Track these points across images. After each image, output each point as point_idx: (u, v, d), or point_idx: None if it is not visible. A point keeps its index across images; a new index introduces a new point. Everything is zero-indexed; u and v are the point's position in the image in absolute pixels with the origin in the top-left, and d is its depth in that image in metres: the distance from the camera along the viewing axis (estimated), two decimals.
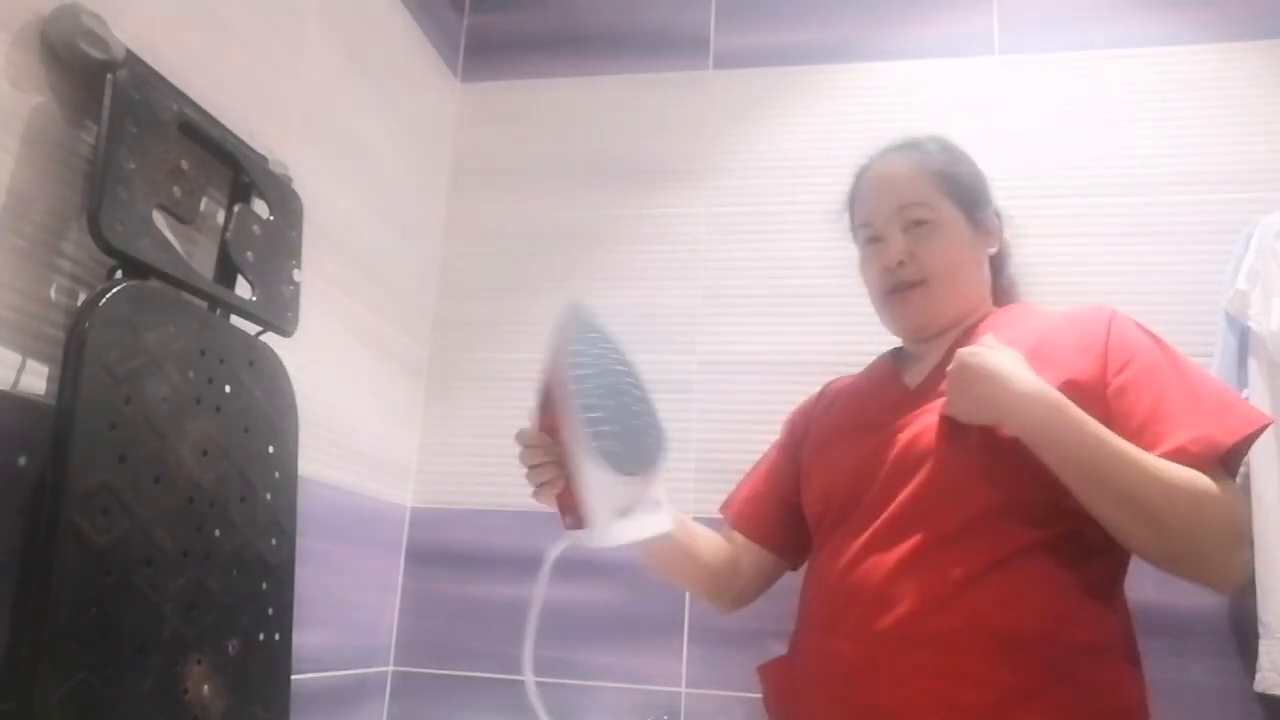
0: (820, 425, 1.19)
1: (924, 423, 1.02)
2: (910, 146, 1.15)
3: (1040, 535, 0.94)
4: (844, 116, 1.70)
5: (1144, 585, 1.03)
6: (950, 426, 0.98)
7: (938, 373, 1.07)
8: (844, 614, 0.99)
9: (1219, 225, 1.50)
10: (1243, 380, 1.35)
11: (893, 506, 0.99)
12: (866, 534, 1.00)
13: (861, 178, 1.18)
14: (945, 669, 0.91)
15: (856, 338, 1.30)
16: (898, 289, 1.11)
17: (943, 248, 1.09)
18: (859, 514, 1.03)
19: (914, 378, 1.12)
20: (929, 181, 1.11)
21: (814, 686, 1.01)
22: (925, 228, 1.09)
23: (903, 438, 1.02)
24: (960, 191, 1.12)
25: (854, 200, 1.19)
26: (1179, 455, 0.90)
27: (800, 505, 1.16)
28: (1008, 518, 0.94)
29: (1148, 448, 0.91)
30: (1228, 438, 0.91)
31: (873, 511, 1.01)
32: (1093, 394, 0.96)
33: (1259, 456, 1.31)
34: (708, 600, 1.21)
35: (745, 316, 1.65)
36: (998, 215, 1.17)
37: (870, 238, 1.14)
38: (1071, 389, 0.94)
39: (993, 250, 1.16)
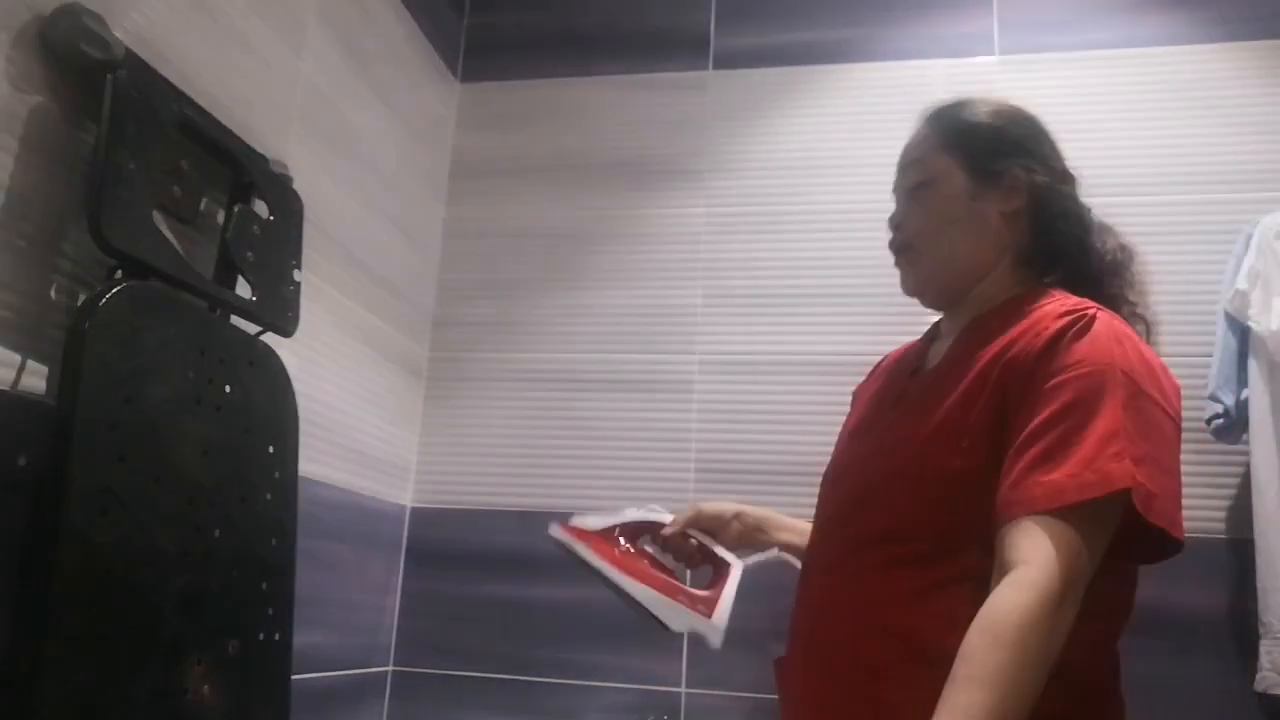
0: (851, 414, 1.17)
1: (893, 435, 0.99)
2: (930, 112, 1.09)
3: (987, 558, 0.87)
4: (843, 116, 1.71)
5: (1144, 585, 1.02)
6: (907, 445, 0.95)
7: (935, 366, 1.03)
8: (803, 634, 0.99)
9: (1219, 225, 1.50)
10: (1243, 380, 1.35)
11: (851, 527, 0.97)
12: (828, 553, 0.99)
13: None
14: (869, 696, 0.89)
15: (857, 337, 1.30)
16: (894, 253, 1.08)
17: (923, 206, 1.03)
18: (824, 528, 1.02)
19: (931, 362, 1.06)
20: (932, 139, 1.05)
21: (787, 696, 1.02)
22: (922, 190, 1.04)
23: (874, 450, 1.00)
24: (964, 142, 1.02)
25: None
26: (1029, 498, 0.84)
27: None
28: (959, 542, 0.90)
29: (1009, 471, 0.86)
30: (1076, 495, 0.82)
31: (834, 529, 1.00)
32: (1014, 391, 0.89)
33: (1259, 457, 1.31)
34: None
35: (745, 316, 1.65)
36: (1028, 169, 1.00)
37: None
38: (1000, 408, 0.89)
39: (1009, 206, 1.00)
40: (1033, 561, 0.81)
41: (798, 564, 1.09)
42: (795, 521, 1.20)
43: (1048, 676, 0.80)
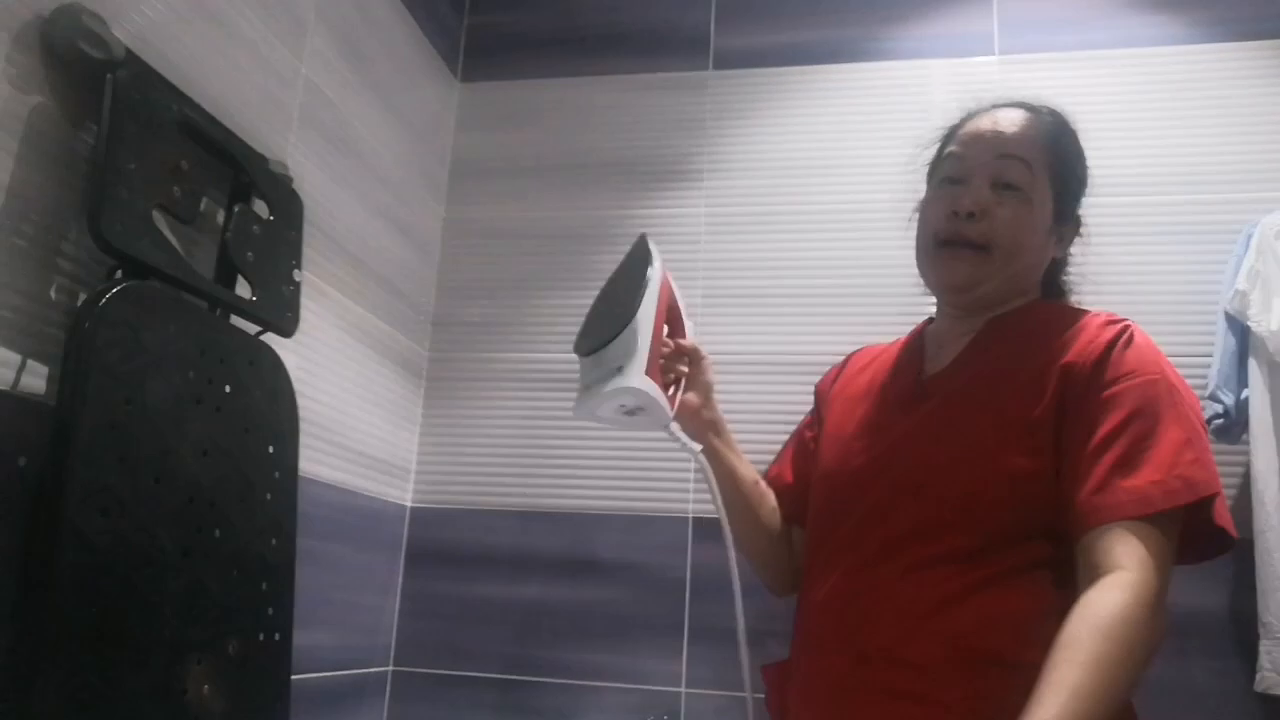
0: (836, 411, 1.16)
1: (926, 439, 0.99)
2: (1035, 111, 1.07)
3: (1034, 556, 0.92)
4: (844, 116, 1.70)
5: None
6: (957, 441, 0.96)
7: (955, 366, 1.05)
8: (830, 635, 0.98)
9: (1219, 225, 1.50)
10: (1243, 380, 1.35)
11: (884, 529, 0.97)
12: (861, 550, 0.98)
13: (970, 117, 1.10)
14: (920, 695, 0.89)
15: (856, 338, 1.30)
16: (953, 242, 1.02)
17: (1019, 220, 1.01)
18: (854, 525, 1.00)
19: (933, 363, 1.07)
20: (1040, 149, 1.03)
21: (801, 703, 1.01)
22: (1013, 194, 1.01)
23: (908, 447, 1.00)
24: (1060, 174, 1.04)
25: (951, 136, 1.10)
26: (1114, 505, 0.87)
27: None
28: (1008, 540, 0.92)
29: (1090, 471, 0.89)
30: (1164, 502, 0.87)
31: (864, 530, 0.99)
32: (1071, 400, 0.94)
33: (1259, 457, 1.31)
34: (767, 573, 1.19)
35: (745, 316, 1.65)
36: (1078, 221, 1.09)
37: (949, 177, 1.05)
38: (1057, 411, 0.93)
39: (1058, 253, 1.08)
40: (1129, 566, 0.85)
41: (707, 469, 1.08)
42: (745, 460, 1.19)
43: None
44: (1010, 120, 1.05)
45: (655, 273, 1.05)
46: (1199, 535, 0.91)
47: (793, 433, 1.29)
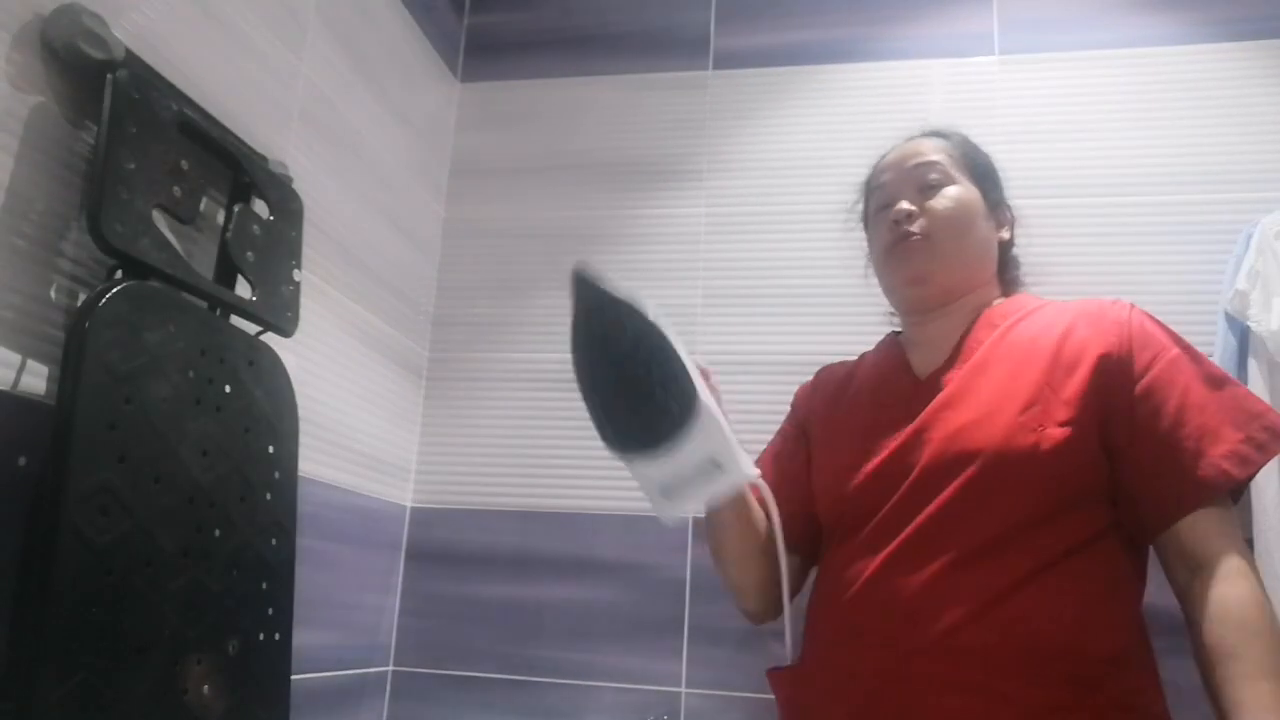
0: (826, 419, 1.16)
1: (951, 423, 0.99)
2: (931, 131, 1.17)
3: (1075, 539, 0.93)
4: (844, 116, 1.71)
5: (1145, 585, 1.03)
6: (988, 423, 0.96)
7: (955, 359, 1.05)
8: (871, 628, 0.96)
9: (1219, 225, 1.50)
10: (1243, 380, 1.35)
11: (924, 516, 0.96)
12: (894, 545, 0.97)
13: (882, 158, 1.19)
14: (978, 686, 0.89)
15: (856, 338, 1.30)
16: (901, 240, 1.09)
17: (953, 206, 1.08)
18: (882, 521, 0.99)
19: (923, 364, 1.09)
20: (947, 152, 1.12)
21: (833, 701, 0.98)
22: (938, 190, 1.09)
23: (931, 439, 0.99)
24: (977, 169, 1.13)
25: (870, 178, 1.19)
26: (1217, 474, 0.92)
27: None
28: (1047, 525, 0.93)
29: (1176, 456, 0.93)
30: (1261, 456, 0.93)
31: (900, 520, 0.98)
32: (1116, 394, 0.97)
33: None
34: (753, 600, 1.15)
35: (745, 316, 1.65)
36: (1010, 209, 1.17)
37: (881, 205, 1.13)
38: (1095, 394, 0.96)
39: (1004, 235, 1.15)
40: (1230, 550, 0.92)
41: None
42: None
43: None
44: (915, 143, 1.15)
45: (665, 319, 0.85)
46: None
47: (764, 458, 1.26)
